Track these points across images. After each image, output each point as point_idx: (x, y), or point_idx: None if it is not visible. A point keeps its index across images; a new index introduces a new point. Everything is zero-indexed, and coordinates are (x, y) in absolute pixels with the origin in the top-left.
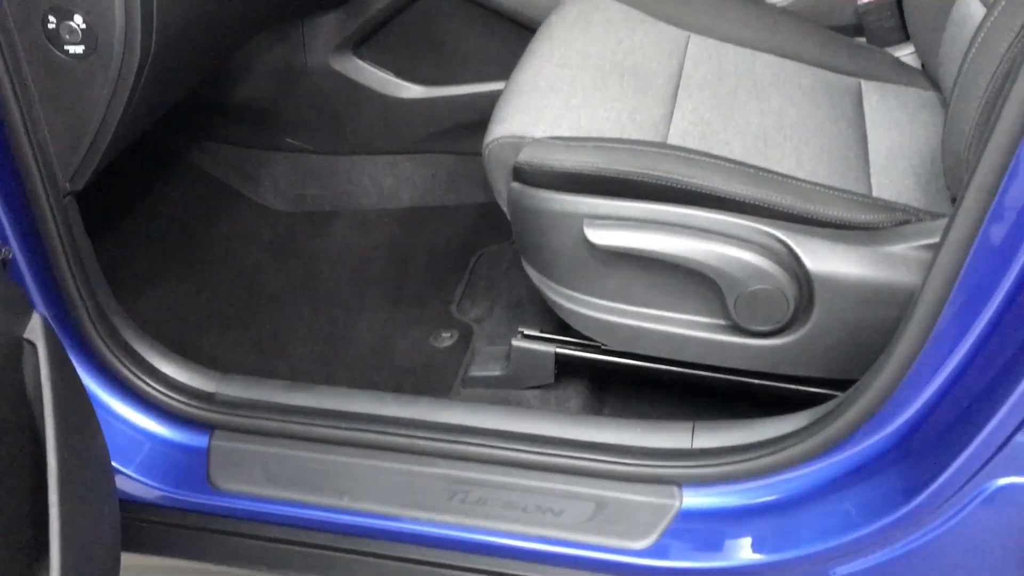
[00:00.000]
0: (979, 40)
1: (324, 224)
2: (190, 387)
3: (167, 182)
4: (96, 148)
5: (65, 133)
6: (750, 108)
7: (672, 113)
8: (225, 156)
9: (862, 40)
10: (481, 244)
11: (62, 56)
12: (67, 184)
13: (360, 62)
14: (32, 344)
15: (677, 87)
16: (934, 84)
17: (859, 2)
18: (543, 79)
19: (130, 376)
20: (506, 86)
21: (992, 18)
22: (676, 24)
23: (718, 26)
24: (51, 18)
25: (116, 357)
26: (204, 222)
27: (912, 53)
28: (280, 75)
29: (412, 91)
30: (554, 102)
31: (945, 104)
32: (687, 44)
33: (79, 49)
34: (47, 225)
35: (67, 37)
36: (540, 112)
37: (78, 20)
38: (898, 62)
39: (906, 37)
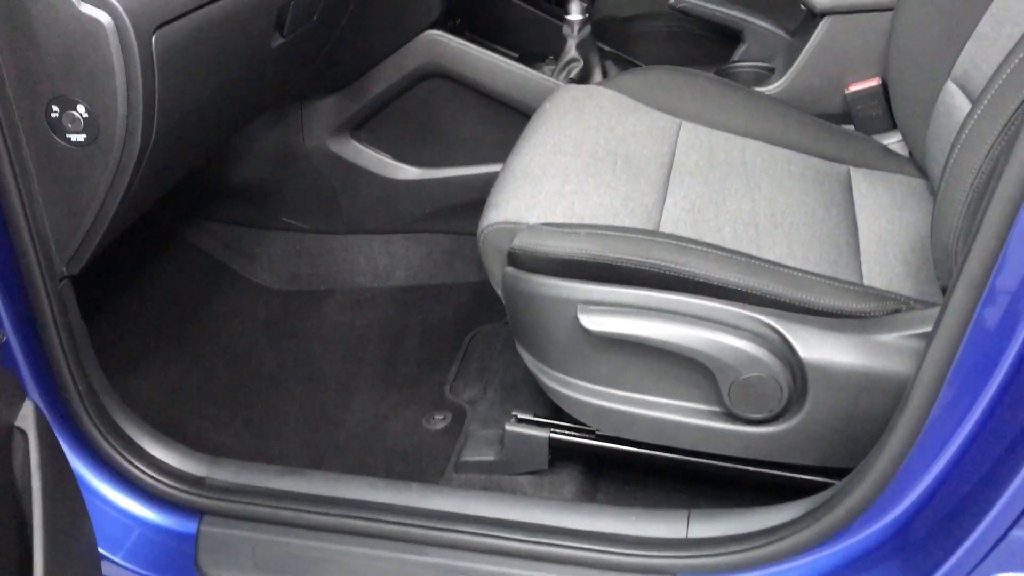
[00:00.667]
0: (964, 137)
1: (318, 303)
2: (180, 471)
3: (162, 260)
4: (94, 233)
5: (64, 218)
6: (741, 195)
7: (664, 199)
8: (220, 235)
9: (850, 127)
10: (475, 323)
11: (64, 144)
12: (64, 268)
13: (357, 144)
14: (23, 432)
15: (669, 173)
16: (922, 172)
17: (847, 91)
18: (538, 165)
19: (120, 460)
20: (502, 171)
21: (976, 116)
22: (668, 111)
23: (709, 114)
24: (54, 107)
25: (106, 440)
26: (198, 300)
27: (900, 141)
28: (278, 156)
29: (408, 172)
30: (548, 188)
31: (933, 193)
32: (679, 131)
33: (81, 137)
34: (42, 309)
35: (69, 126)
36: (535, 198)
37: (81, 109)
38: (886, 150)
39: (893, 125)
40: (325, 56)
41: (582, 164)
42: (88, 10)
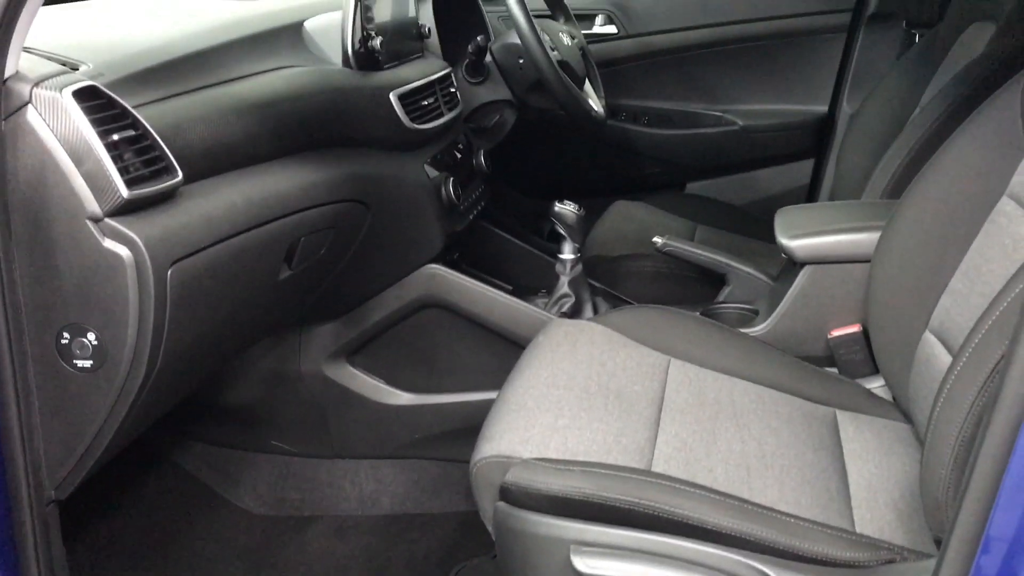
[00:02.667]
0: (946, 390)
1: (301, 530)
2: None
3: (146, 481)
4: (88, 457)
5: (60, 443)
6: (731, 434)
7: (656, 437)
8: (207, 456)
9: (834, 370)
10: (461, 557)
11: (70, 369)
12: (52, 492)
13: (353, 369)
14: None
15: (660, 411)
16: (906, 417)
17: (829, 335)
18: (531, 398)
19: None
20: (496, 402)
21: (956, 371)
22: (657, 349)
23: (697, 352)
24: (65, 334)
25: None
26: (180, 524)
27: (883, 386)
28: (272, 379)
29: (401, 398)
30: (542, 421)
31: (919, 439)
32: (668, 368)
33: (88, 363)
34: (25, 533)
35: (77, 352)
36: (528, 431)
37: (91, 337)
38: (870, 394)
39: (876, 370)
40: (328, 286)
41: (575, 398)
42: (110, 245)
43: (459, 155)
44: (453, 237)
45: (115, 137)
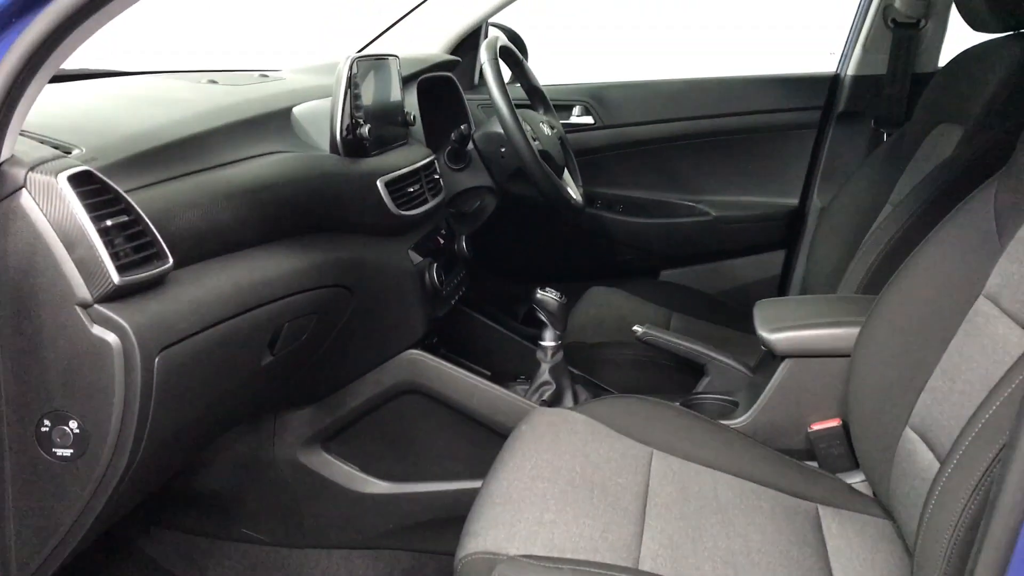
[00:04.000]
0: (937, 494)
1: None
2: None
3: (111, 569)
4: (63, 547)
5: (33, 534)
6: (717, 531)
7: (642, 533)
8: (175, 544)
9: (814, 464)
10: None
11: (48, 458)
12: None
13: (327, 456)
14: None
15: (645, 505)
16: (887, 512)
17: (809, 429)
18: (516, 490)
19: None
20: (480, 495)
21: (946, 475)
22: (640, 440)
23: (679, 445)
24: (46, 421)
25: None
26: None
27: (863, 481)
28: (244, 465)
29: (376, 486)
30: (528, 515)
31: (901, 536)
32: (651, 460)
33: (67, 452)
34: None
35: (58, 440)
36: (514, 526)
37: (73, 425)
38: (851, 489)
39: (856, 464)
40: (306, 371)
41: (560, 491)
42: (99, 331)
43: (442, 241)
44: (435, 323)
45: (108, 223)
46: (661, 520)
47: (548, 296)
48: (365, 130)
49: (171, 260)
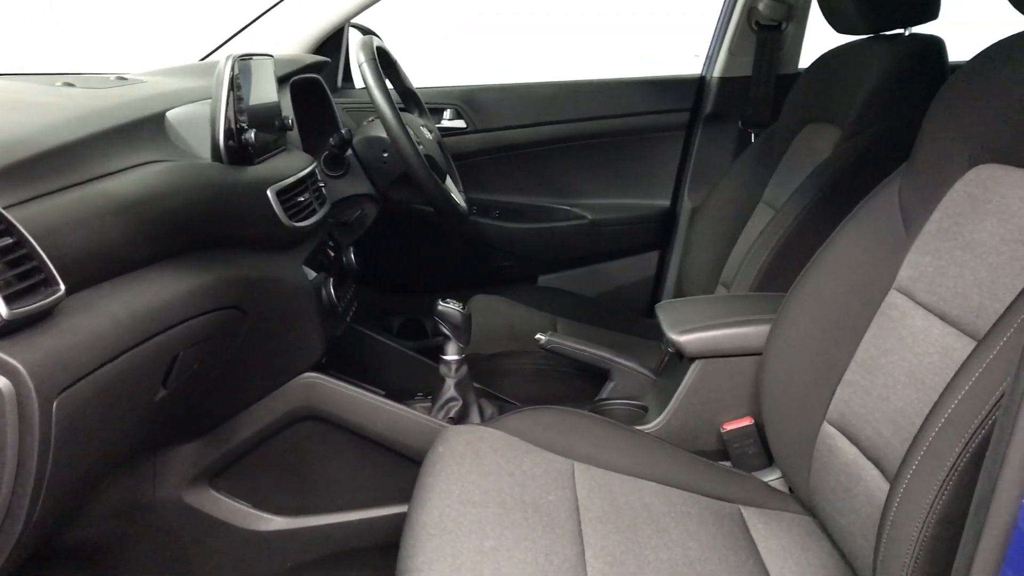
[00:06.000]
0: (891, 520)
1: None
2: None
3: None
4: None
5: None
6: (656, 543)
7: (584, 552)
8: None
9: (727, 464)
10: None
11: None
12: None
13: (216, 494)
14: None
15: (579, 521)
16: (806, 508)
17: (722, 429)
18: (450, 519)
19: None
20: (409, 527)
21: (898, 500)
22: (559, 453)
23: (597, 454)
24: None
25: None
26: None
27: (779, 478)
28: (123, 511)
29: (272, 523)
30: (468, 546)
31: (825, 531)
32: (573, 473)
33: None
34: None
35: None
36: (456, 558)
37: None
38: (769, 487)
39: (770, 462)
40: (193, 402)
41: (494, 516)
42: None
43: (332, 253)
44: (332, 342)
45: None
46: (599, 536)
47: (450, 307)
48: (251, 135)
49: (63, 287)
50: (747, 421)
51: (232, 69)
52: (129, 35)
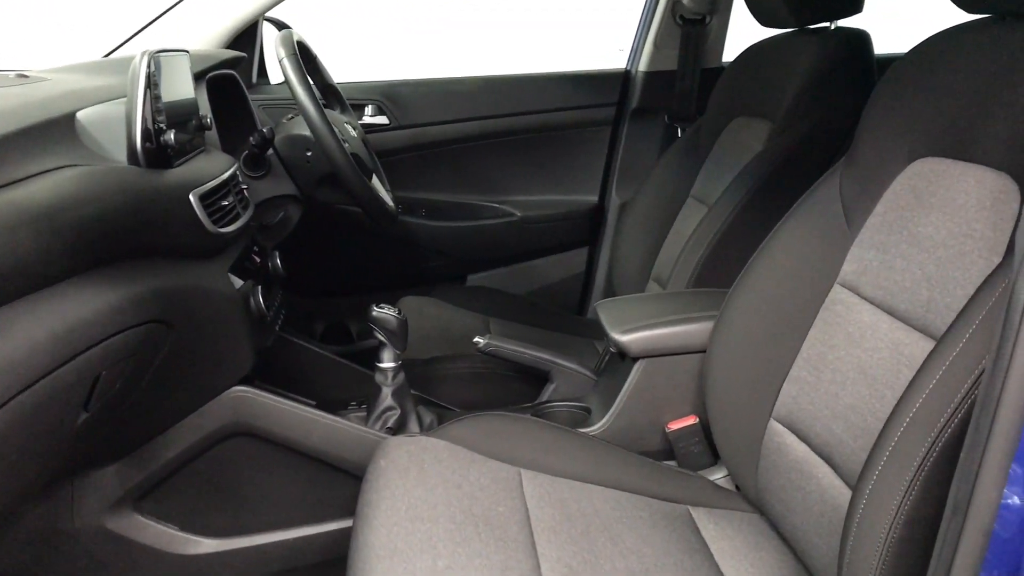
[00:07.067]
0: (855, 528)
1: None
2: None
3: None
4: None
5: None
6: (609, 550)
7: (539, 565)
8: None
9: (673, 464)
10: None
11: None
12: None
13: (141, 518)
14: None
15: (531, 533)
16: (754, 506)
17: (667, 428)
18: (399, 538)
19: None
20: (356, 547)
21: (862, 507)
22: (504, 460)
23: (544, 460)
24: None
25: None
26: None
27: (725, 476)
28: (39, 540)
29: (202, 545)
30: (421, 566)
31: (774, 528)
32: (520, 481)
33: None
34: None
35: None
36: None
37: None
38: (715, 486)
39: (715, 460)
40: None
41: (445, 532)
42: None
43: (258, 259)
44: (261, 354)
45: None
46: (552, 547)
47: (385, 313)
48: (170, 136)
49: None
50: (691, 420)
51: (149, 66)
52: (14, 29)
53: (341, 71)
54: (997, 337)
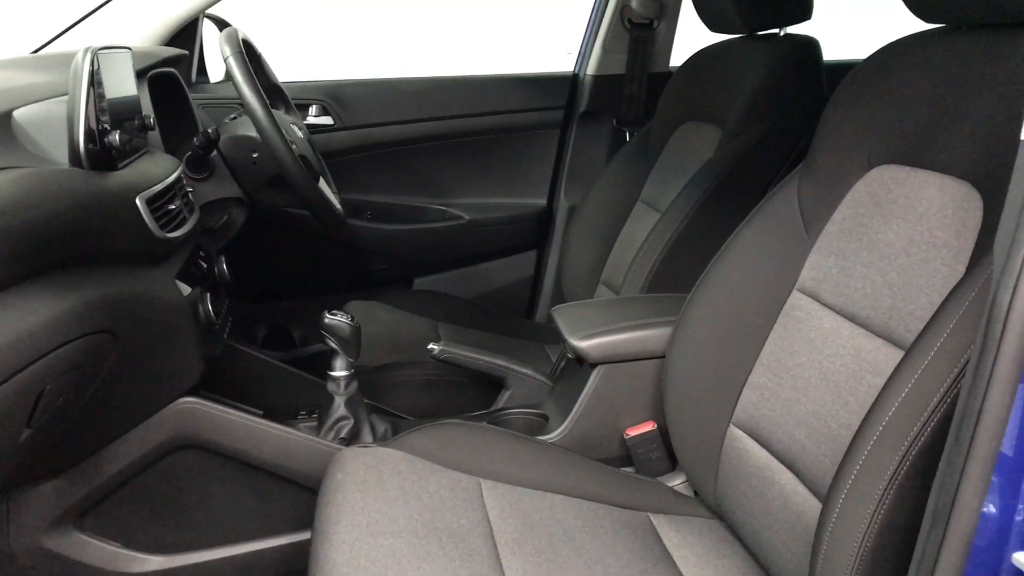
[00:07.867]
0: (827, 538)
1: None
2: None
3: None
4: None
5: None
6: (575, 561)
7: None
8: None
9: (631, 470)
10: None
11: None
12: None
13: (82, 536)
14: None
15: (495, 545)
16: (713, 512)
17: (625, 434)
18: (362, 554)
19: None
20: (317, 565)
21: (835, 517)
22: (463, 471)
23: (503, 469)
24: None
25: None
26: None
27: (684, 482)
28: None
29: (147, 563)
30: None
31: (735, 535)
32: (481, 491)
33: None
34: None
35: None
36: None
37: None
38: (674, 492)
39: (673, 466)
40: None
41: (408, 546)
42: None
43: (205, 265)
44: (210, 364)
45: None
46: (517, 559)
47: (338, 320)
48: (115, 137)
49: None
50: (649, 426)
51: (92, 63)
52: None
53: (284, 70)
54: (977, 348)
